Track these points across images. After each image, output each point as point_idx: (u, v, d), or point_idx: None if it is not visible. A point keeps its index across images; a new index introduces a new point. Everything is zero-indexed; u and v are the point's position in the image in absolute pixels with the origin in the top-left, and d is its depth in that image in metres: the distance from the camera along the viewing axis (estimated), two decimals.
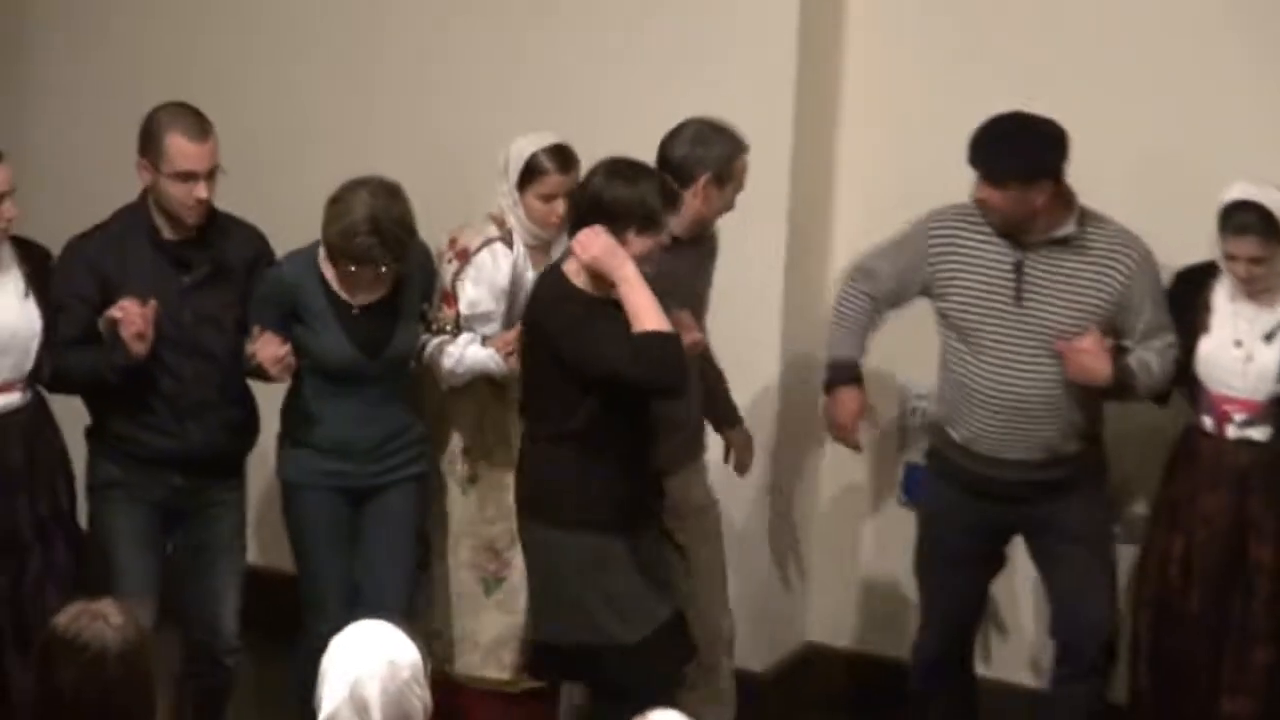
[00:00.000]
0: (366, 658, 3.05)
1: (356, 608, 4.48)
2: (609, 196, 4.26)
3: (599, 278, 4.26)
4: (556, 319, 4.31)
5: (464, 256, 4.80)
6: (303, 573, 4.82)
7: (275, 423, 4.80)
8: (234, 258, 4.66)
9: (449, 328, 4.76)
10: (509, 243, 4.81)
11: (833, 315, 4.85)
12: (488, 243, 4.79)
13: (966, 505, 4.72)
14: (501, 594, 4.94)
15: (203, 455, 4.65)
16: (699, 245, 4.76)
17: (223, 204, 4.65)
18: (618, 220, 4.24)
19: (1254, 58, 4.90)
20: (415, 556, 4.88)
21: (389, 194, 4.51)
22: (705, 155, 4.60)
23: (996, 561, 4.85)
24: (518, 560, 4.78)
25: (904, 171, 5.21)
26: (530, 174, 4.74)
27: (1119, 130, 4.93)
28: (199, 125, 4.50)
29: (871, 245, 4.98)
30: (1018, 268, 4.56)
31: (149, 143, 4.52)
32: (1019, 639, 5.27)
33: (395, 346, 4.69)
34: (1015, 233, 4.55)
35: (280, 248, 4.78)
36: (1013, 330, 4.57)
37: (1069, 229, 4.56)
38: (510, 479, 4.66)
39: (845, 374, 4.81)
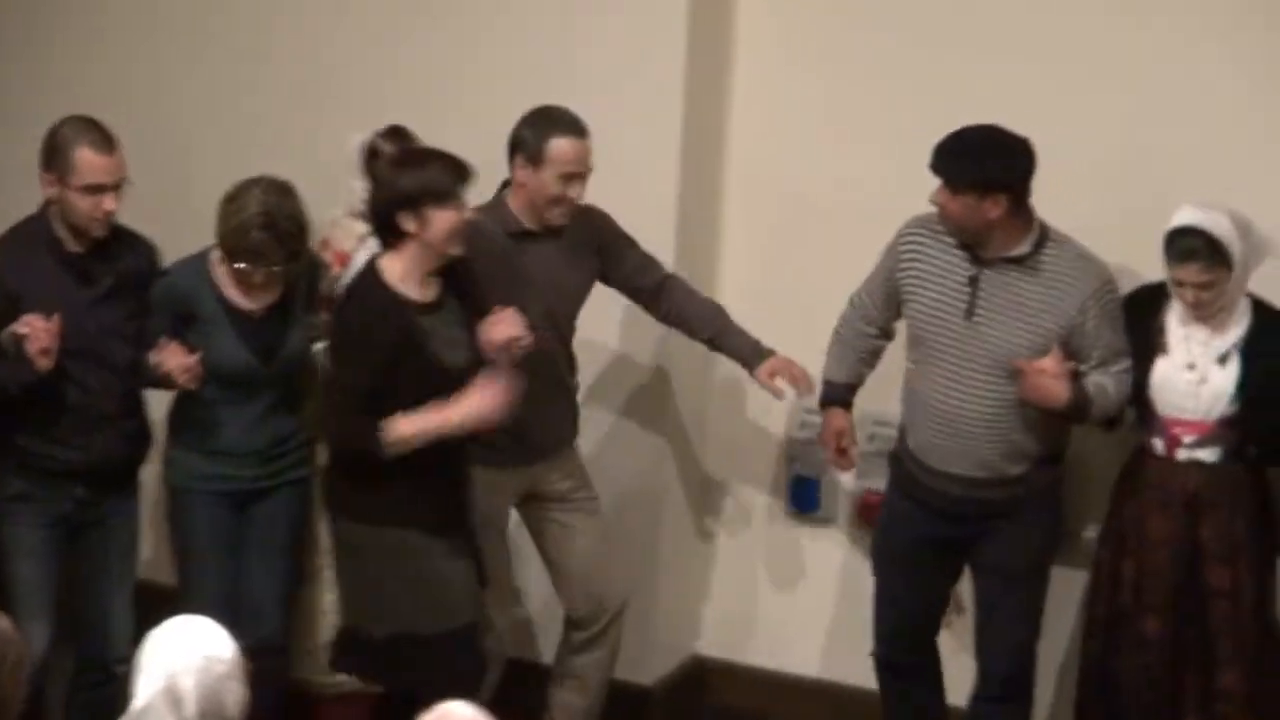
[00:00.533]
0: (183, 651, 3.04)
1: (239, 609, 4.61)
2: (401, 184, 4.32)
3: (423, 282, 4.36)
4: (334, 320, 4.48)
5: (343, 260, 4.81)
6: (185, 576, 4.85)
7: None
8: (133, 269, 4.70)
9: None
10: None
11: (833, 336, 4.87)
12: (362, 241, 4.80)
13: (914, 514, 4.73)
14: None
15: (106, 467, 4.69)
16: (559, 238, 4.75)
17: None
18: (416, 202, 4.29)
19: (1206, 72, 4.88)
20: (295, 560, 4.93)
21: (281, 191, 4.57)
22: (522, 135, 4.64)
23: (948, 572, 4.83)
24: None
25: (794, 187, 5.25)
26: (372, 159, 4.82)
27: None
28: (105, 139, 4.54)
29: (759, 260, 5.07)
30: (973, 282, 4.55)
31: (54, 156, 4.53)
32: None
33: (288, 351, 4.73)
34: (973, 244, 4.54)
35: (170, 257, 4.81)
36: (960, 345, 4.55)
37: (1024, 249, 4.53)
38: None
39: (831, 395, 4.85)
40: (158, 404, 4.81)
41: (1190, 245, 4.41)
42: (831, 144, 5.19)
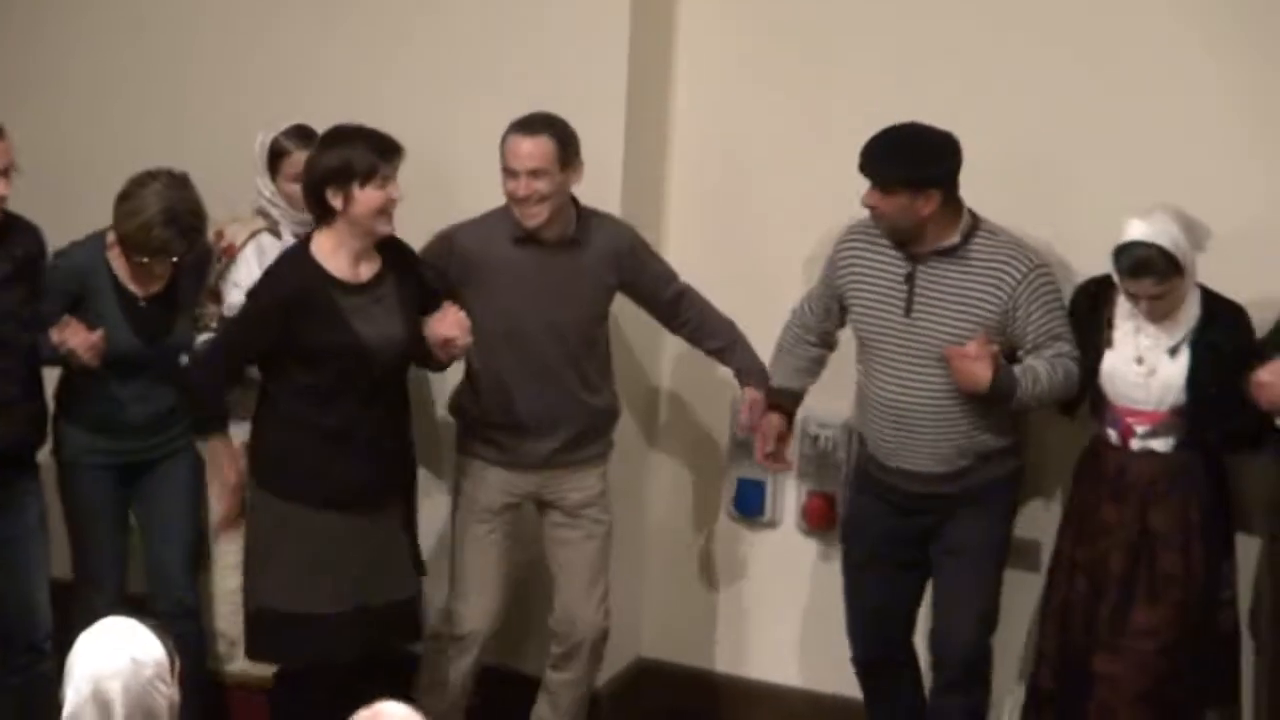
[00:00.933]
0: (109, 656, 3.00)
1: (148, 578, 4.89)
2: (325, 162, 4.42)
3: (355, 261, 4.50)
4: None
5: (230, 253, 4.86)
6: (78, 550, 4.91)
7: None
8: (24, 253, 4.72)
9: (214, 325, 4.84)
10: (276, 233, 4.88)
11: (778, 343, 4.89)
12: (253, 235, 4.88)
13: (877, 511, 4.76)
14: None
15: (12, 450, 4.71)
16: (576, 247, 4.75)
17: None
18: (341, 179, 4.39)
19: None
20: (195, 524, 4.98)
21: (180, 185, 4.61)
22: None
23: (917, 568, 4.81)
24: None
25: (734, 176, 5.25)
26: (276, 158, 4.85)
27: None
28: None
29: (700, 248, 5.09)
30: (909, 279, 4.58)
31: None
32: None
33: (175, 337, 4.80)
34: (905, 242, 4.56)
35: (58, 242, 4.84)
36: (903, 341, 4.58)
37: (954, 240, 4.56)
38: None
39: (770, 397, 4.85)
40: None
41: (1141, 259, 4.41)
42: (769, 110, 5.20)
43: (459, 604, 4.89)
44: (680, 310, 4.91)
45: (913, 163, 4.48)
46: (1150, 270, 4.40)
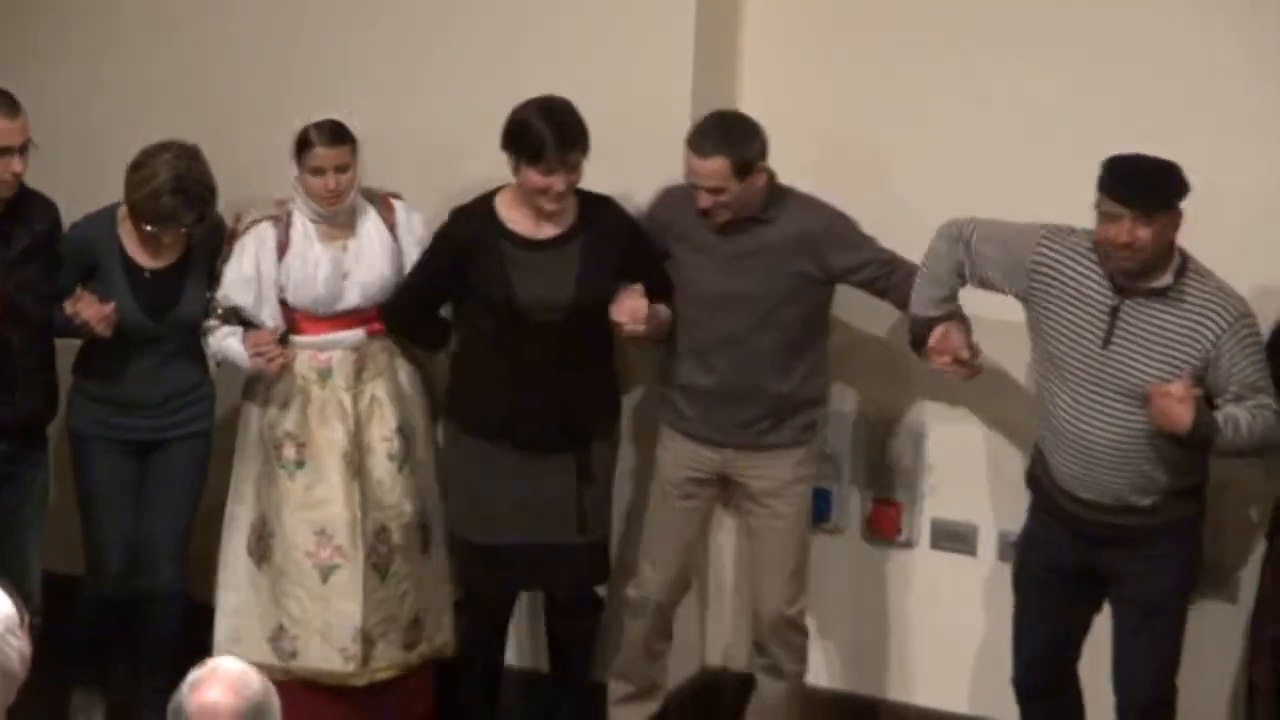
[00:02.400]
0: None
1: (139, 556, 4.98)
2: (509, 122, 4.62)
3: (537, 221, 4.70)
4: None
5: (232, 240, 4.95)
6: (86, 523, 5.02)
7: None
8: (42, 228, 4.86)
9: (219, 311, 4.91)
10: (285, 223, 4.87)
11: (922, 269, 4.67)
12: (253, 224, 4.91)
13: (1052, 536, 4.62)
14: (339, 581, 4.87)
15: (27, 422, 4.87)
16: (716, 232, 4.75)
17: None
18: (514, 149, 4.64)
19: None
20: (194, 509, 5.06)
21: (191, 155, 4.72)
22: None
23: (1086, 599, 4.66)
24: (352, 548, 4.85)
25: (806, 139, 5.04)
26: (301, 149, 4.79)
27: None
28: (9, 102, 4.68)
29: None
30: (1113, 312, 4.39)
31: None
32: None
33: (182, 310, 4.89)
34: (1139, 274, 4.34)
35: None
36: (1095, 372, 4.40)
37: (1167, 279, 4.35)
38: (335, 461, 4.85)
39: (932, 324, 4.63)
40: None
41: None
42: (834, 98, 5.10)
43: (640, 567, 4.99)
44: (891, 288, 4.78)
45: (1169, 184, 4.27)
46: None
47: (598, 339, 4.81)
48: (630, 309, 4.66)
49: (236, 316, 4.87)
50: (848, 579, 5.27)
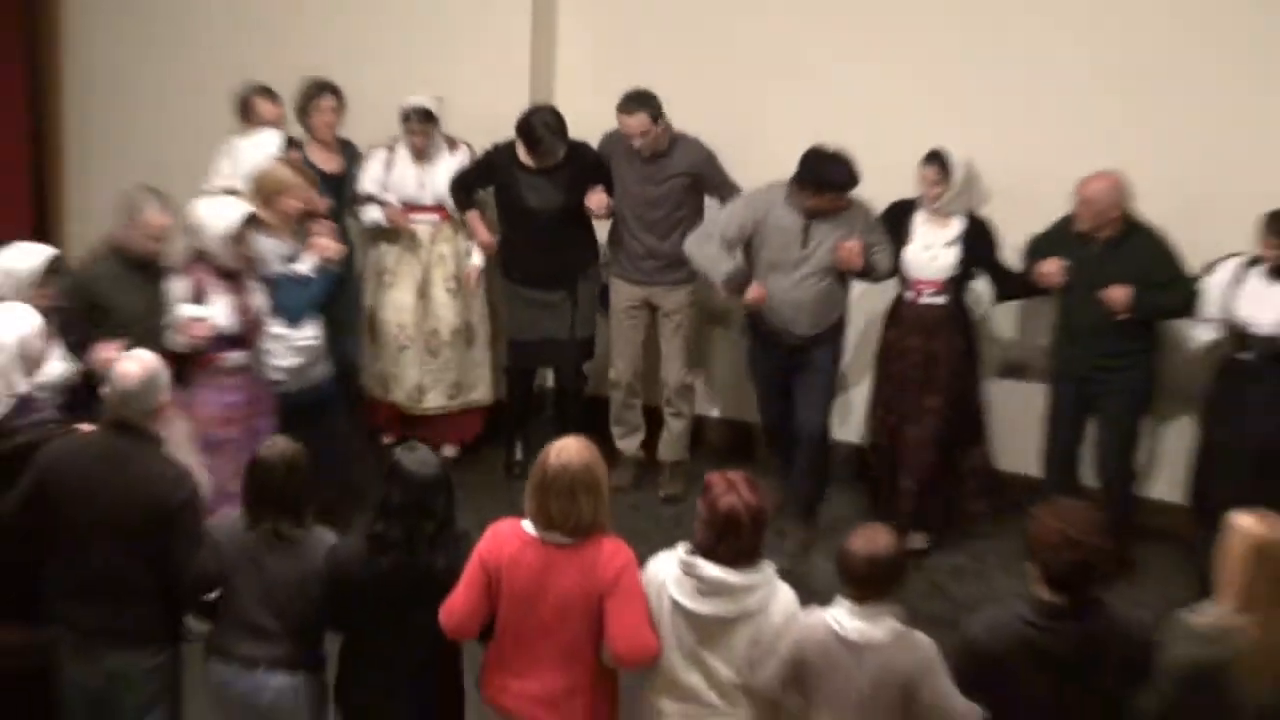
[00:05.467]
0: None
1: None
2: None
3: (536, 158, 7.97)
4: None
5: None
6: None
7: None
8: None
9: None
10: (392, 151, 8.29)
11: (703, 262, 7.65)
12: (373, 150, 8.41)
13: (765, 349, 7.69)
14: (406, 356, 8.27)
15: None
16: (647, 157, 8.14)
17: None
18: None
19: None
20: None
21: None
22: None
23: (786, 372, 7.63)
24: (413, 337, 8.27)
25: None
26: (404, 120, 8.19)
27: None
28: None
29: None
30: (805, 228, 7.35)
31: None
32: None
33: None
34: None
35: None
36: (797, 260, 7.37)
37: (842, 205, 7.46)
38: (410, 285, 8.29)
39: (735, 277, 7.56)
40: None
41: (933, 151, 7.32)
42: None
43: (613, 360, 8.25)
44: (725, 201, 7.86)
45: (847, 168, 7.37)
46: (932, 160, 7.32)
47: (580, 221, 8.00)
48: (598, 201, 7.86)
49: (370, 199, 8.18)
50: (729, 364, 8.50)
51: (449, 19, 8.37)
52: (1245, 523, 4.61)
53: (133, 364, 5.12)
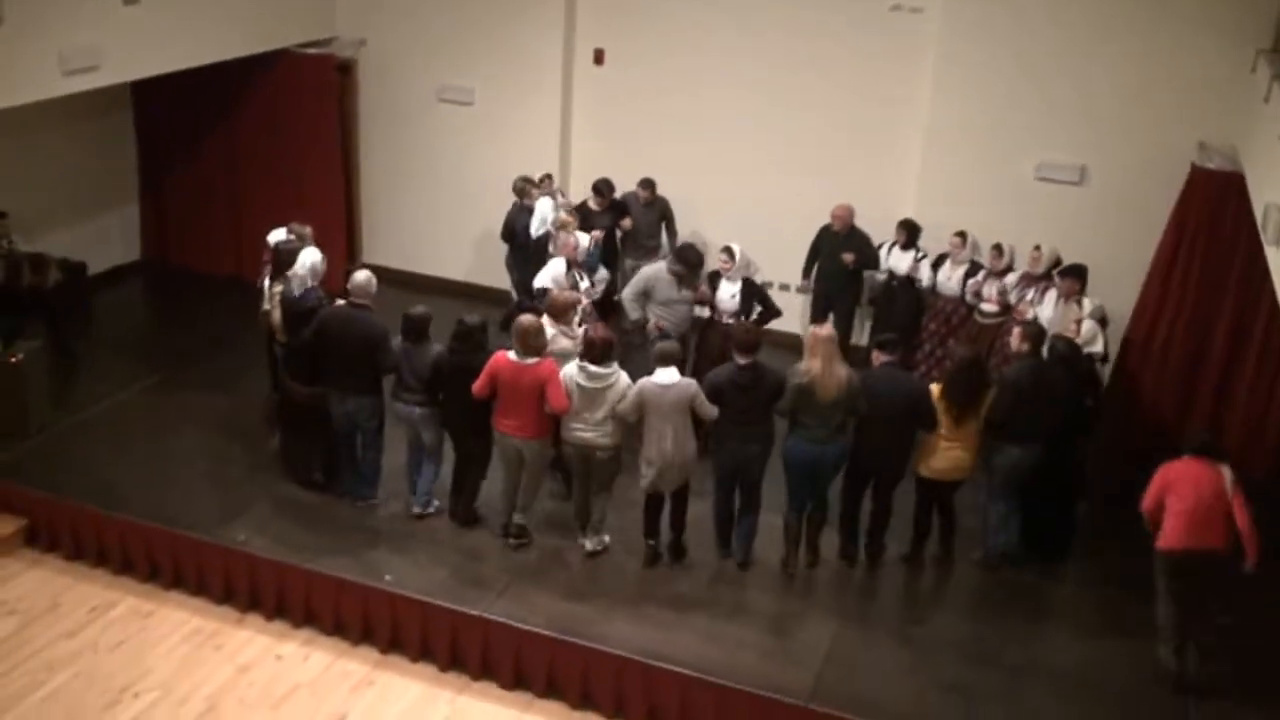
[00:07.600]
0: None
1: None
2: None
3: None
4: None
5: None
6: None
7: None
8: None
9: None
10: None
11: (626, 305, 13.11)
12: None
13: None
14: None
15: None
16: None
17: None
18: None
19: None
20: None
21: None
22: None
23: None
24: None
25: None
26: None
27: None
28: None
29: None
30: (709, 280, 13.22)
31: None
32: None
33: None
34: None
35: None
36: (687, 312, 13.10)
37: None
38: None
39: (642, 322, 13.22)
40: None
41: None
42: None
43: None
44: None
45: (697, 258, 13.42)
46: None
47: None
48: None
49: None
50: None
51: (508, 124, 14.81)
52: (821, 331, 11.00)
53: (360, 273, 11.35)
